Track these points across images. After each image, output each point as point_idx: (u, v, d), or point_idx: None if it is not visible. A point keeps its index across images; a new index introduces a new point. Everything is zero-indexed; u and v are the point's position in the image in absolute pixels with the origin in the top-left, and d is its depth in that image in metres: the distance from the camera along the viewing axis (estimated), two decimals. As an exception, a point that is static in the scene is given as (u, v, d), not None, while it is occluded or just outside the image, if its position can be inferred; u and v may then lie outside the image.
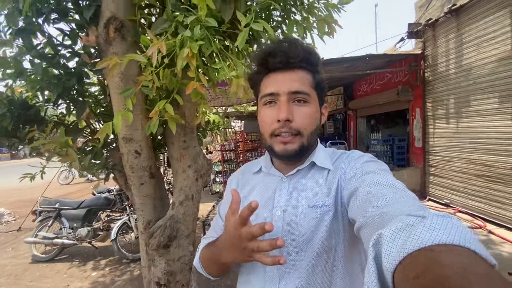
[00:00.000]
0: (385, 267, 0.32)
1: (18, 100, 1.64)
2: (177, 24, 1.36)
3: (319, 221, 0.63)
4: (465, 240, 0.29)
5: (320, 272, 0.63)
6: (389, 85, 6.63)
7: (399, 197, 0.48)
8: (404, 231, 0.33)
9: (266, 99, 0.66)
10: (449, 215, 0.34)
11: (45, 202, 3.83)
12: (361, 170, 0.61)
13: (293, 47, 0.63)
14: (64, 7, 1.47)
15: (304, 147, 0.65)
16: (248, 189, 0.77)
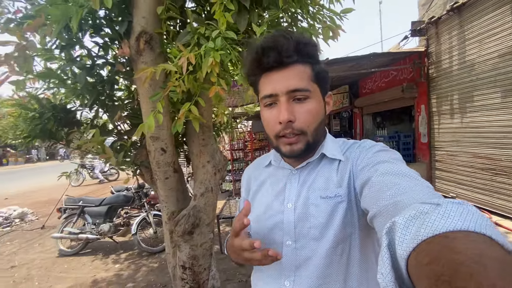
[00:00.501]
0: (399, 254, 0.31)
1: (60, 105, 1.86)
2: (198, 35, 1.56)
3: (332, 211, 0.62)
4: (481, 226, 0.28)
5: (336, 262, 0.63)
6: (394, 83, 6.72)
7: (413, 185, 0.47)
8: (418, 219, 0.32)
9: (265, 101, 0.64)
10: (464, 202, 0.33)
11: (70, 200, 4.10)
12: (373, 159, 0.60)
13: (285, 42, 0.59)
14: (100, 23, 1.69)
15: (310, 145, 0.64)
16: (258, 182, 0.78)
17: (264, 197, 0.75)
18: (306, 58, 0.62)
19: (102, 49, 1.84)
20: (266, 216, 0.71)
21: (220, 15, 1.43)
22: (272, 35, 0.63)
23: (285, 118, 0.60)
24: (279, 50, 0.59)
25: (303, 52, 0.61)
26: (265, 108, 0.65)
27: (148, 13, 1.63)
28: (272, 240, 0.68)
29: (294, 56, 0.60)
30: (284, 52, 0.59)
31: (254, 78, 0.66)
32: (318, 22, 1.91)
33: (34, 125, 1.74)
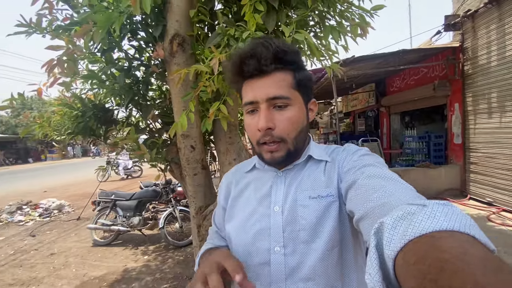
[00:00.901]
0: (386, 254, 0.32)
1: (99, 105, 2.01)
2: (228, 37, 1.61)
3: (324, 211, 0.61)
4: (465, 226, 0.29)
5: (332, 266, 0.60)
6: (424, 80, 6.41)
7: (398, 188, 0.47)
8: (405, 219, 0.33)
9: (247, 107, 0.64)
10: (449, 203, 0.33)
11: (103, 194, 4.37)
12: (358, 163, 0.60)
13: (265, 50, 0.59)
14: (136, 27, 1.80)
15: (291, 153, 0.64)
16: (241, 187, 0.74)
17: (247, 202, 0.70)
18: (286, 65, 0.62)
19: (138, 52, 1.95)
20: (250, 222, 0.66)
21: (250, 16, 1.47)
22: (251, 43, 0.62)
23: (264, 125, 0.60)
24: (258, 58, 0.59)
25: (283, 59, 0.61)
26: (247, 114, 0.65)
27: (181, 16, 1.70)
28: (258, 248, 0.64)
29: (273, 64, 0.60)
30: (263, 60, 0.59)
31: (237, 85, 0.66)
32: (346, 20, 1.89)
33: (78, 123, 1.90)
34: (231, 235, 0.69)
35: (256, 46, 0.60)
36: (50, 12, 1.43)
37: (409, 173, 5.42)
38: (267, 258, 0.63)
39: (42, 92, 1.71)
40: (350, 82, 7.30)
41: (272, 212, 0.65)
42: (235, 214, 0.71)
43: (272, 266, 0.62)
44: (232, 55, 0.65)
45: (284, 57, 0.60)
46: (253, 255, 0.64)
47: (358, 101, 9.92)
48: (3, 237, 4.78)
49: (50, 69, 1.28)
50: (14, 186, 10.34)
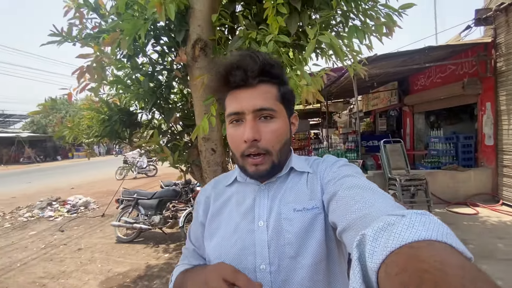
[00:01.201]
0: (369, 266, 0.32)
1: (124, 108, 2.07)
2: (250, 40, 1.60)
3: (310, 224, 0.60)
4: (442, 235, 0.30)
5: (321, 279, 0.59)
6: (452, 78, 6.08)
7: (377, 198, 0.48)
8: (386, 230, 0.34)
9: (231, 118, 0.62)
10: (426, 212, 0.34)
11: (126, 193, 4.53)
12: (338, 173, 0.61)
13: (252, 62, 0.59)
14: (160, 33, 1.83)
15: (275, 166, 0.63)
16: (220, 202, 0.71)
17: (229, 218, 0.67)
18: (272, 78, 0.62)
19: (161, 57, 1.99)
20: (233, 239, 0.63)
21: (272, 20, 1.44)
22: (239, 54, 0.62)
23: (250, 136, 0.59)
24: (245, 70, 0.59)
25: (269, 72, 0.61)
26: (231, 125, 0.63)
27: (203, 21, 1.72)
28: (243, 266, 0.61)
29: (260, 76, 0.60)
30: (250, 72, 0.59)
31: (221, 95, 0.65)
32: (371, 19, 1.82)
33: (105, 126, 1.97)
34: (211, 255, 0.65)
35: (243, 58, 0.60)
36: (80, 21, 1.49)
37: (435, 175, 5.17)
38: (253, 277, 0.60)
39: (72, 97, 1.80)
40: (372, 80, 7.07)
41: (257, 228, 0.62)
42: (215, 232, 0.68)
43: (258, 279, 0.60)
44: (218, 66, 0.64)
45: (270, 70, 0.61)
46: None
47: (380, 100, 9.60)
48: (35, 232, 5.08)
49: (80, 76, 1.33)
50: (44, 183, 10.98)
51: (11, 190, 9.51)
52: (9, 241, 4.63)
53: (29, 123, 25.63)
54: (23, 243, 4.53)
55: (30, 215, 6.06)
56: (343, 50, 1.68)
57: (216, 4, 1.75)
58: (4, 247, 4.39)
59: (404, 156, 4.85)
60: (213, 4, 1.72)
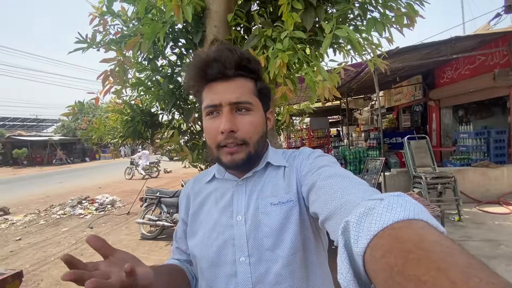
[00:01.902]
0: (355, 251, 0.33)
1: (146, 109, 2.15)
2: (265, 38, 1.60)
3: (286, 217, 0.62)
4: (418, 214, 0.32)
5: (297, 270, 0.61)
6: (481, 69, 5.72)
7: (354, 185, 0.50)
8: (368, 215, 0.35)
9: (208, 110, 0.63)
10: (402, 194, 0.36)
11: (149, 191, 4.70)
12: (314, 165, 0.62)
13: (230, 56, 0.60)
14: (178, 35, 1.88)
15: (252, 156, 0.64)
16: (199, 200, 0.72)
17: (208, 215, 0.69)
18: (249, 73, 0.64)
19: (179, 59, 2.05)
20: (214, 235, 0.65)
21: (288, 16, 1.44)
22: (216, 48, 0.63)
23: (227, 127, 0.60)
24: (223, 62, 0.60)
25: (246, 67, 0.62)
26: (207, 117, 0.64)
27: (219, 21, 1.74)
28: (224, 260, 0.63)
29: (237, 69, 0.61)
30: (228, 65, 0.60)
31: (197, 88, 0.65)
32: (391, 10, 1.76)
33: (128, 127, 2.06)
34: (195, 251, 0.67)
35: (221, 51, 0.61)
36: (104, 27, 1.56)
37: (465, 173, 4.90)
38: (234, 270, 0.62)
39: (99, 100, 1.90)
40: (394, 75, 6.81)
41: (235, 222, 0.64)
42: (197, 229, 0.70)
43: (238, 277, 0.62)
44: (195, 58, 0.65)
45: (247, 64, 0.63)
46: (219, 268, 0.64)
47: (403, 95, 9.22)
48: (67, 228, 5.41)
49: (104, 79, 1.40)
50: (74, 183, 11.65)
51: (45, 189, 10.19)
52: (44, 237, 4.96)
53: (60, 127, 27.32)
54: (56, 238, 4.84)
55: (63, 212, 6.46)
56: (361, 44, 1.64)
57: (231, 4, 1.77)
58: (39, 242, 4.71)
59: (430, 152, 4.63)
60: (229, 4, 1.74)
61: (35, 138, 24.62)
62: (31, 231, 5.39)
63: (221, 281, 0.63)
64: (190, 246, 0.70)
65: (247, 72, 0.63)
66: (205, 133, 0.67)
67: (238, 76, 0.62)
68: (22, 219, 6.23)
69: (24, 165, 23.31)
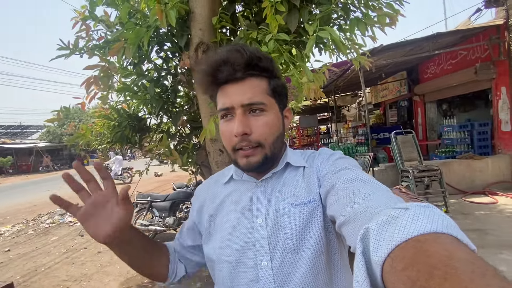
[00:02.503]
0: (374, 260, 0.32)
1: (133, 114, 2.13)
2: (250, 40, 1.61)
3: (308, 218, 0.60)
4: (447, 228, 0.30)
5: (322, 272, 0.59)
6: (463, 64, 5.90)
7: (375, 190, 0.49)
8: (390, 224, 0.33)
9: (222, 113, 0.62)
10: (429, 205, 0.34)
11: (140, 196, 4.65)
12: (334, 167, 0.60)
13: (239, 56, 0.59)
14: (163, 39, 1.87)
15: (268, 158, 0.62)
16: (217, 203, 0.70)
17: (227, 217, 0.67)
18: (260, 72, 0.62)
19: (165, 62, 2.04)
20: (233, 238, 0.64)
21: (271, 18, 1.45)
22: (226, 49, 0.61)
23: (240, 131, 0.58)
24: (232, 64, 0.59)
25: (257, 66, 0.60)
26: (222, 120, 0.63)
27: (204, 24, 1.74)
28: (244, 263, 0.62)
29: (247, 70, 0.59)
30: (237, 66, 0.59)
31: (211, 92, 0.65)
32: (372, 10, 1.80)
33: (115, 132, 2.03)
34: (213, 256, 0.66)
35: (230, 53, 0.60)
36: (86, 33, 1.54)
37: (451, 165, 5.04)
38: (255, 274, 0.60)
39: (85, 105, 1.87)
40: (379, 72, 6.94)
41: (256, 225, 0.62)
42: (214, 233, 0.68)
43: (260, 282, 0.60)
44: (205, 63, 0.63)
45: (258, 63, 0.60)
46: (240, 273, 0.62)
47: (389, 91, 9.41)
48: (57, 237, 5.29)
49: (87, 86, 1.38)
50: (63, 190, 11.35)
51: (32, 198, 9.91)
52: (34, 247, 4.84)
53: (45, 133, 26.60)
54: (46, 248, 4.73)
55: (51, 221, 6.31)
56: (344, 44, 1.67)
57: (216, 7, 1.77)
58: (29, 252, 4.59)
59: (416, 147, 4.75)
60: (213, 6, 1.74)
61: (20, 145, 23.89)
62: (20, 241, 5.24)
63: (242, 286, 0.61)
64: (207, 250, 0.68)
65: (259, 71, 0.61)
66: (221, 136, 0.65)
67: (249, 76, 0.60)
68: (10, 229, 6.05)
69: (9, 173, 22.60)
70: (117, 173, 11.86)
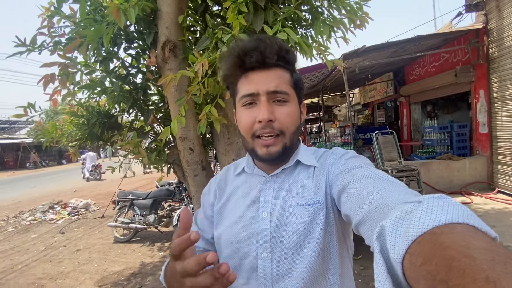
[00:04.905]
0: (393, 258, 0.31)
1: (103, 112, 2.11)
2: (216, 40, 1.62)
3: (312, 219, 0.61)
4: (463, 217, 0.29)
5: (319, 273, 0.61)
6: (445, 67, 6.02)
7: (390, 187, 0.48)
8: (405, 219, 0.33)
9: (245, 100, 0.62)
10: (443, 196, 0.34)
11: (121, 194, 4.61)
12: (347, 166, 0.60)
13: (269, 45, 0.60)
14: (131, 37, 1.86)
15: (287, 148, 0.63)
16: (228, 193, 0.73)
17: (235, 207, 0.70)
18: (287, 64, 0.63)
19: (135, 60, 2.03)
20: (238, 227, 0.66)
21: (233, 18, 1.47)
22: (254, 38, 0.62)
23: (266, 116, 0.59)
24: (262, 51, 0.59)
25: (284, 58, 0.62)
26: (243, 107, 0.63)
27: (171, 23, 1.74)
28: (246, 252, 0.64)
29: (277, 59, 0.60)
30: (267, 53, 0.59)
31: (233, 78, 0.65)
32: (339, 13, 1.83)
33: (84, 130, 2.02)
34: (220, 240, 0.68)
35: (262, 41, 0.60)
36: (48, 30, 1.52)
37: (430, 166, 5.16)
38: (255, 264, 0.63)
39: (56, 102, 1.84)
40: (365, 72, 7.03)
41: (260, 218, 0.64)
42: (223, 219, 0.70)
43: (259, 271, 0.62)
44: (232, 48, 0.63)
45: (286, 55, 0.62)
46: (242, 260, 0.65)
47: (376, 92, 9.53)
48: (37, 234, 5.21)
49: (45, 84, 1.37)
50: (49, 187, 11.18)
51: (16, 195, 9.71)
52: (12, 244, 4.76)
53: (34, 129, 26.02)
54: (25, 246, 4.65)
55: (33, 218, 6.21)
56: (309, 45, 1.70)
57: (183, 5, 1.77)
58: (7, 250, 4.51)
59: (397, 147, 4.84)
60: (180, 5, 1.74)
61: (6, 141, 23.31)
62: (-2, 238, 5.15)
63: (245, 273, 0.64)
64: (216, 235, 0.70)
65: (285, 62, 0.62)
66: (239, 123, 0.65)
67: (277, 66, 0.61)
68: (-12, 227, 5.93)
69: (-6, 169, 22.07)
70: (88, 169, 12.11)
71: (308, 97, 10.25)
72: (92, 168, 12.15)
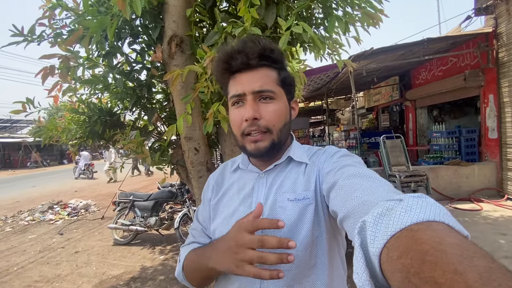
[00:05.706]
0: (371, 252, 0.33)
1: (105, 109, 2.03)
2: (226, 34, 1.54)
3: (301, 214, 0.63)
4: (440, 216, 0.31)
5: (306, 266, 0.63)
6: (453, 71, 5.93)
7: (376, 185, 0.50)
8: (385, 216, 0.34)
9: (234, 100, 0.66)
10: (423, 195, 0.36)
11: (122, 195, 4.52)
12: (337, 164, 0.62)
13: (253, 45, 0.63)
14: (136, 31, 1.78)
15: (275, 144, 0.65)
16: (224, 188, 0.76)
17: (230, 201, 0.73)
18: (272, 63, 0.66)
19: (139, 55, 1.94)
20: (232, 220, 0.67)
21: (245, 11, 1.38)
22: (240, 40, 0.66)
23: (250, 115, 0.62)
24: (246, 53, 0.62)
25: (269, 57, 0.65)
26: (233, 107, 0.67)
27: (178, 17, 1.66)
28: None
29: (260, 59, 0.63)
30: (250, 55, 0.62)
31: (223, 80, 0.69)
32: (354, 9, 1.75)
33: (85, 128, 1.93)
34: (216, 233, 0.71)
35: (245, 43, 0.64)
36: (49, 20, 1.44)
37: (438, 171, 5.04)
38: None
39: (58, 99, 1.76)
40: (371, 75, 6.94)
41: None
42: (218, 214, 0.74)
43: None
44: (219, 52, 0.68)
45: (270, 54, 0.64)
46: None
47: (381, 96, 9.44)
48: (35, 235, 5.11)
49: (44, 77, 1.28)
50: (49, 186, 11.10)
51: (16, 194, 9.63)
52: (9, 245, 4.66)
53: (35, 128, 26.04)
54: (22, 246, 4.56)
55: (31, 218, 6.11)
56: (323, 41, 1.61)
57: (191, -1, 1.69)
58: (3, 251, 4.42)
59: (404, 151, 4.73)
60: (188, -2, 1.66)
61: (8, 139, 23.34)
62: (-4, 239, 5.06)
63: None
64: (211, 228, 0.74)
65: (270, 62, 0.65)
66: (230, 122, 0.69)
67: (262, 66, 0.64)
68: (-14, 227, 5.84)
69: (-4, 168, 22.06)
70: (81, 168, 12.21)
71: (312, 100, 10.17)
72: (84, 167, 12.26)
